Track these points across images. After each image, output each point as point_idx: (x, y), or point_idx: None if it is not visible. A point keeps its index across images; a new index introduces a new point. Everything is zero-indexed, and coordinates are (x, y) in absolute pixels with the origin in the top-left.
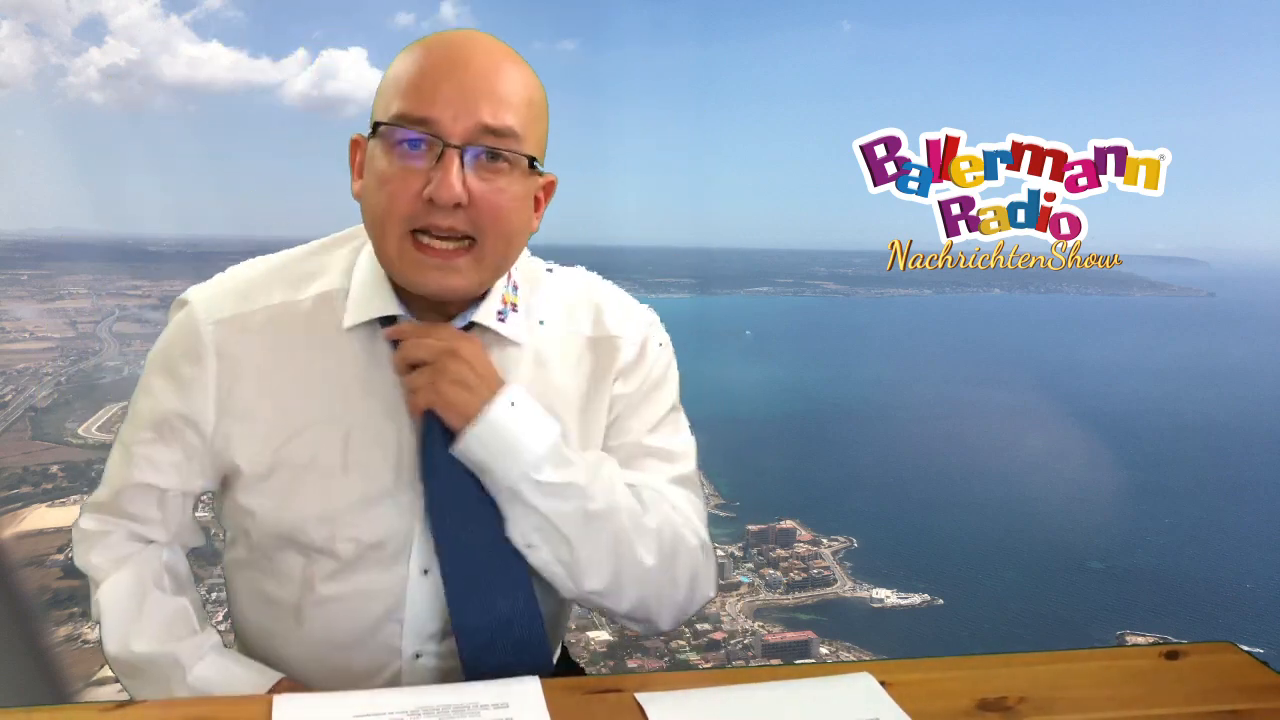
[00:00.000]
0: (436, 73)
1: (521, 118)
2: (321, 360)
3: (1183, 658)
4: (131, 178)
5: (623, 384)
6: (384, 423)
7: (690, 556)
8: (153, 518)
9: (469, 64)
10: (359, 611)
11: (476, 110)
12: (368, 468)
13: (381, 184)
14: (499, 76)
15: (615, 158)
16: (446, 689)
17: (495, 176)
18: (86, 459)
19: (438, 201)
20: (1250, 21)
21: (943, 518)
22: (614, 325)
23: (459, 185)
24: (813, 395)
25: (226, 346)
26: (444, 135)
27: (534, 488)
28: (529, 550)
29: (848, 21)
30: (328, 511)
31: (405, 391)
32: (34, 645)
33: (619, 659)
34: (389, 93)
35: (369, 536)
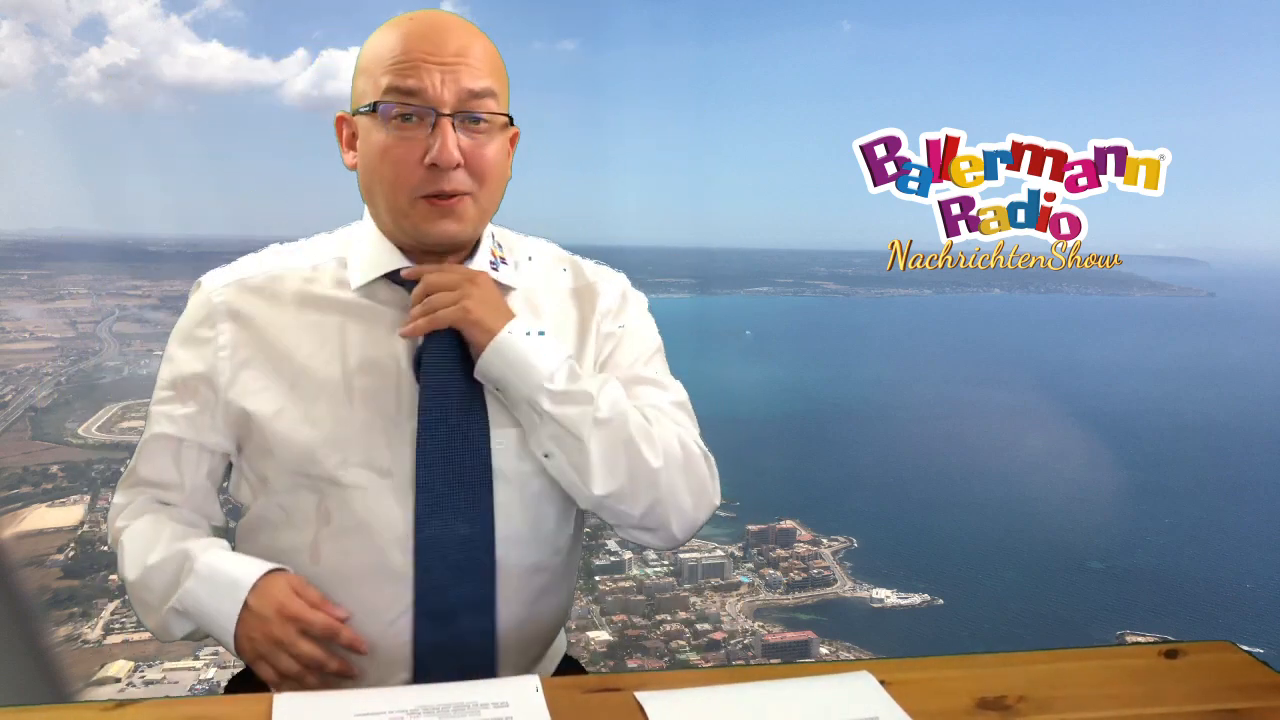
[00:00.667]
0: (419, 47)
1: (495, 79)
2: (322, 310)
3: (1182, 657)
4: (131, 178)
5: (610, 323)
6: (385, 363)
7: (696, 463)
8: (170, 479)
9: (445, 38)
10: (371, 541)
11: (460, 79)
12: (372, 397)
13: (383, 155)
14: (472, 46)
15: (615, 158)
16: (446, 688)
17: (480, 136)
18: (86, 459)
19: (441, 165)
20: (1250, 21)
21: (943, 518)
22: (591, 275)
23: (456, 150)
24: (813, 395)
25: (235, 306)
26: (436, 104)
27: (548, 396)
28: (547, 460)
29: (848, 21)
30: (337, 437)
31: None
32: (34, 645)
33: (619, 659)
34: (375, 71)
35: (379, 462)
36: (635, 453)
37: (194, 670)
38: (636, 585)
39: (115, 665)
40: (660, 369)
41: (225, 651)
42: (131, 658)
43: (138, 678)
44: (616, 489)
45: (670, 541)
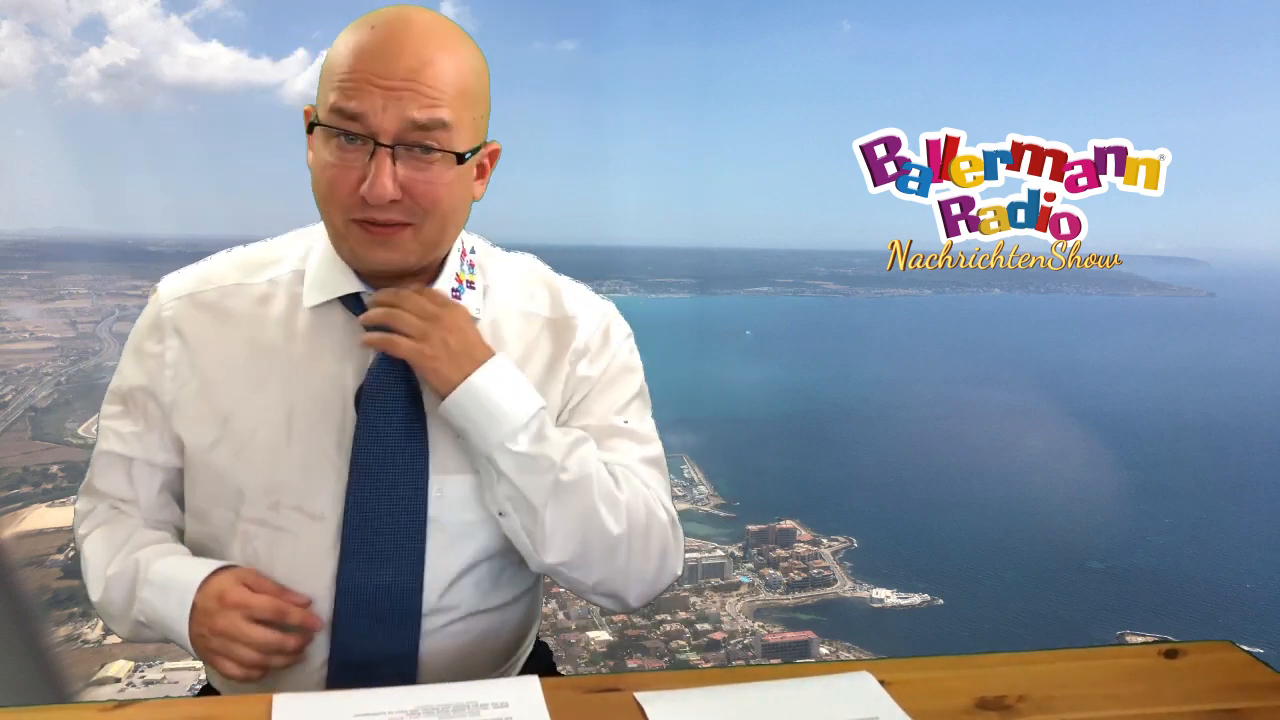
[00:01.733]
0: (368, 67)
1: (453, 108)
2: (271, 335)
3: (1182, 657)
4: (131, 178)
5: (586, 366)
6: (330, 396)
7: (660, 531)
8: (124, 492)
9: (399, 57)
10: (298, 586)
11: (404, 107)
12: (310, 439)
13: (323, 170)
14: (428, 69)
15: (615, 158)
16: (446, 688)
17: (428, 167)
18: (86, 459)
19: (370, 201)
20: (1250, 21)
21: (943, 518)
22: (571, 306)
23: (390, 184)
24: (813, 395)
25: (182, 323)
26: (375, 132)
27: (508, 457)
28: (501, 518)
29: (848, 21)
30: (271, 479)
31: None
32: (34, 645)
33: (619, 659)
34: (327, 80)
35: (312, 506)
36: (596, 521)
37: (194, 670)
38: None
39: (115, 665)
40: (637, 417)
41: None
42: (131, 658)
43: (138, 678)
44: (569, 559)
45: (625, 608)
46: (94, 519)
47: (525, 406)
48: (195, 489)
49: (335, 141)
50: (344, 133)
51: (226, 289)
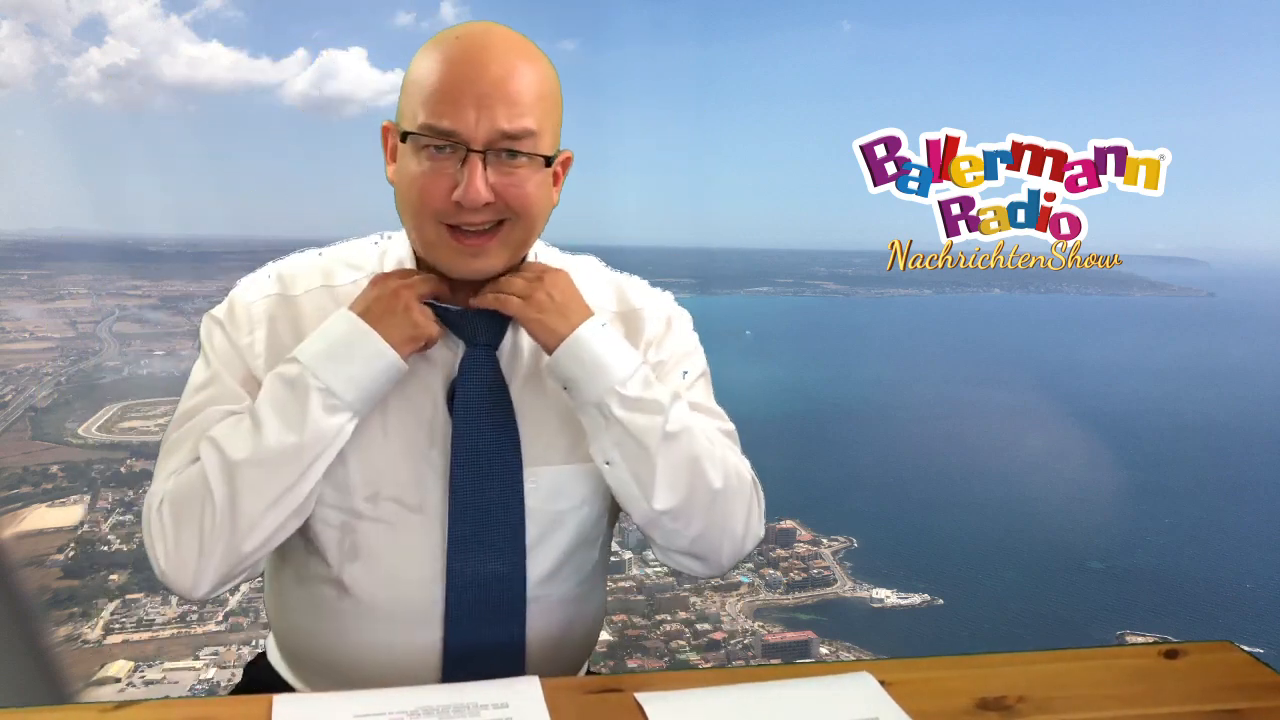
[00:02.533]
0: (456, 82)
1: (536, 116)
2: None
3: (1182, 657)
4: (131, 178)
5: (655, 352)
6: (419, 396)
7: (748, 491)
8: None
9: (485, 71)
10: (400, 577)
11: (494, 118)
12: (404, 430)
13: (413, 183)
14: (513, 80)
15: (615, 158)
16: (446, 689)
17: (515, 170)
18: (86, 459)
19: (466, 204)
20: (1250, 21)
21: (943, 518)
22: (637, 300)
23: (483, 188)
24: (813, 395)
25: (273, 317)
26: (467, 141)
27: (619, 401)
28: (607, 468)
29: (848, 21)
30: (369, 470)
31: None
32: (34, 645)
33: (619, 659)
34: (414, 97)
35: (409, 497)
36: (699, 471)
37: (194, 670)
38: (636, 585)
39: (115, 665)
40: (707, 395)
41: (225, 652)
42: (131, 658)
43: (138, 678)
44: (676, 505)
45: (717, 569)
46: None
47: (630, 357)
48: None
49: (426, 152)
50: (435, 146)
51: (314, 292)
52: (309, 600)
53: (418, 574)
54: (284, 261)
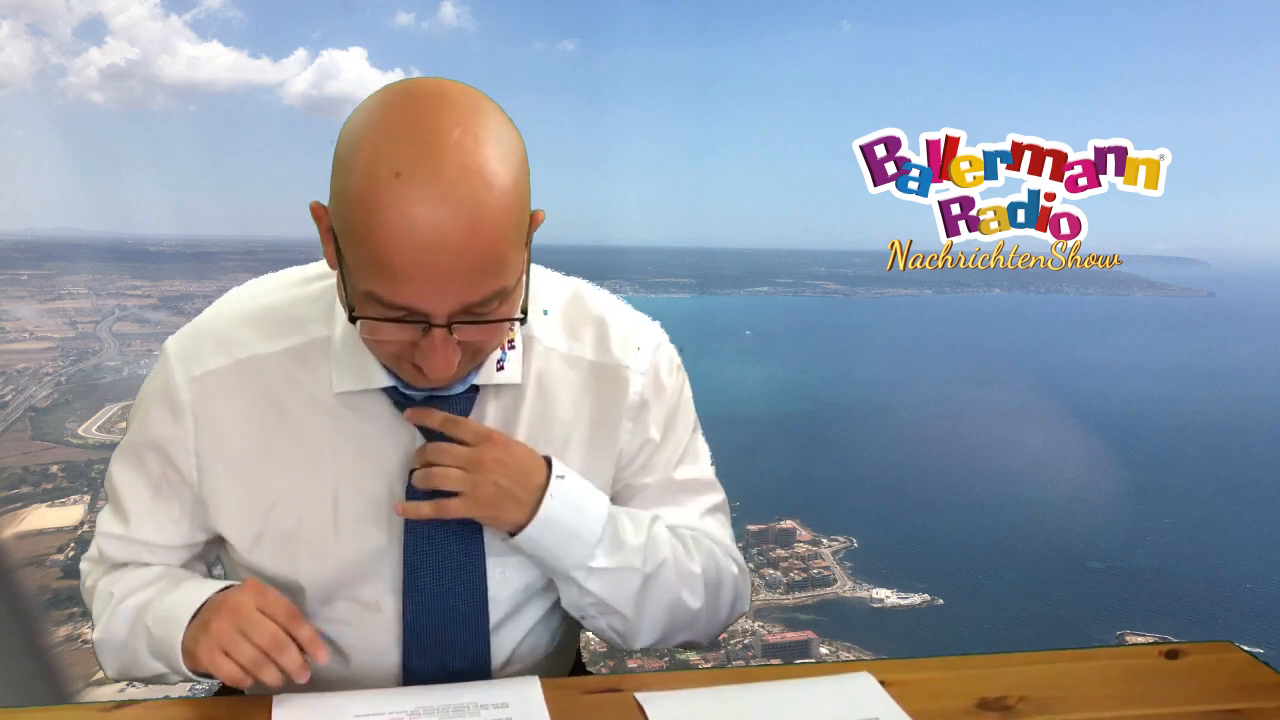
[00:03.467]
0: (409, 260)
1: (505, 267)
2: (305, 417)
3: (1183, 657)
4: (131, 178)
5: (645, 428)
6: (373, 480)
7: (730, 584)
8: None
9: (444, 233)
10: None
11: (460, 294)
12: (359, 529)
13: (365, 326)
14: (477, 244)
15: (615, 158)
16: (446, 689)
17: (486, 326)
18: (86, 459)
19: (432, 381)
20: (1250, 21)
21: (943, 518)
22: (620, 352)
23: (451, 360)
24: (813, 395)
25: (204, 407)
26: (426, 317)
27: (588, 574)
28: (584, 619)
29: (848, 21)
30: (322, 577)
31: (429, 491)
32: (34, 645)
33: (619, 659)
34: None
35: (366, 597)
36: (678, 604)
37: None
38: None
39: None
40: (694, 463)
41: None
42: None
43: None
44: (657, 639)
45: (699, 648)
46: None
47: (595, 520)
48: (237, 576)
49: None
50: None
51: (255, 361)
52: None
53: (377, 673)
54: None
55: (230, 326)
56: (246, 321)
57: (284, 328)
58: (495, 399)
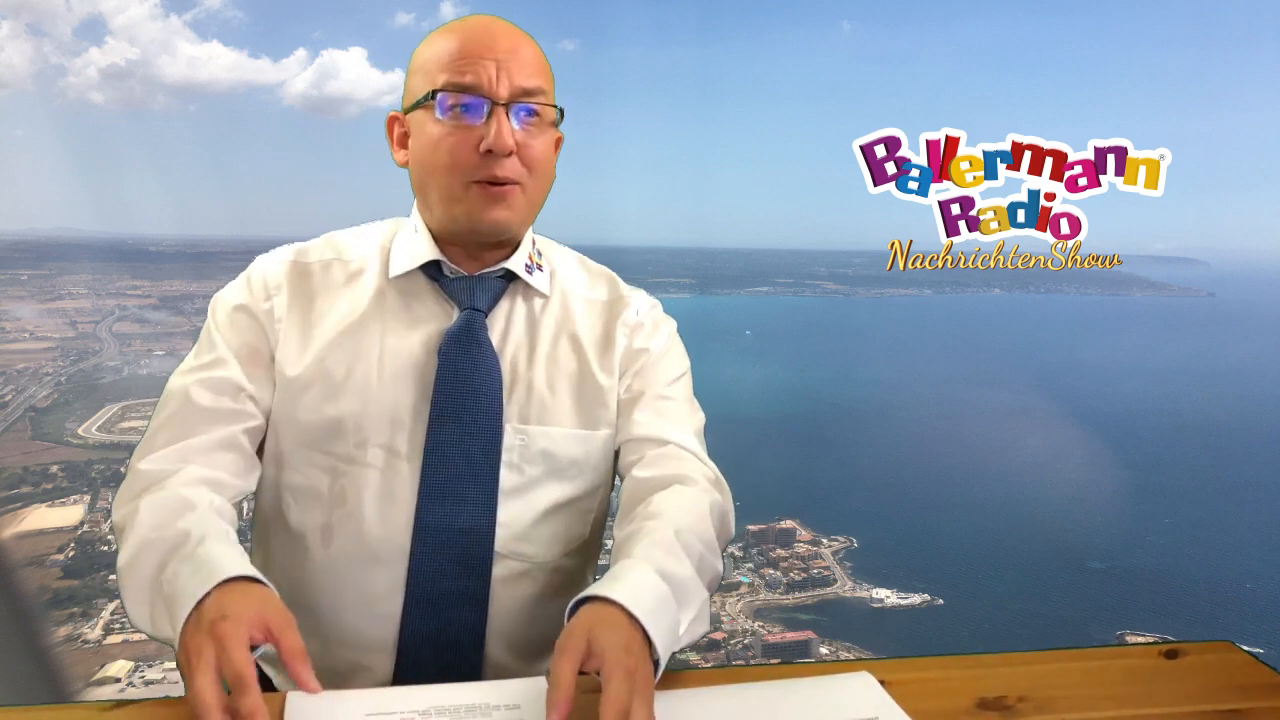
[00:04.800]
0: (474, 47)
1: (546, 78)
2: (363, 302)
3: (1183, 657)
4: (131, 178)
5: (643, 339)
6: (415, 346)
7: (722, 512)
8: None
9: (498, 39)
10: (380, 523)
11: (512, 75)
12: (399, 383)
13: (438, 144)
14: (524, 47)
15: (615, 158)
16: (458, 688)
17: (532, 129)
18: (86, 459)
19: (496, 150)
20: (1250, 21)
21: (943, 518)
22: (626, 292)
23: (510, 136)
24: (813, 395)
25: (286, 282)
26: (491, 95)
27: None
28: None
29: (848, 21)
30: (360, 419)
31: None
32: (34, 645)
33: None
34: (431, 69)
35: (397, 445)
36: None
37: None
38: None
39: (115, 665)
40: (685, 388)
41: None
42: (131, 658)
43: (137, 678)
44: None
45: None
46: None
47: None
48: (283, 430)
49: (450, 114)
50: (461, 103)
51: (326, 262)
52: (292, 556)
53: (396, 521)
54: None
55: (304, 246)
56: (320, 242)
57: (353, 245)
58: (524, 299)
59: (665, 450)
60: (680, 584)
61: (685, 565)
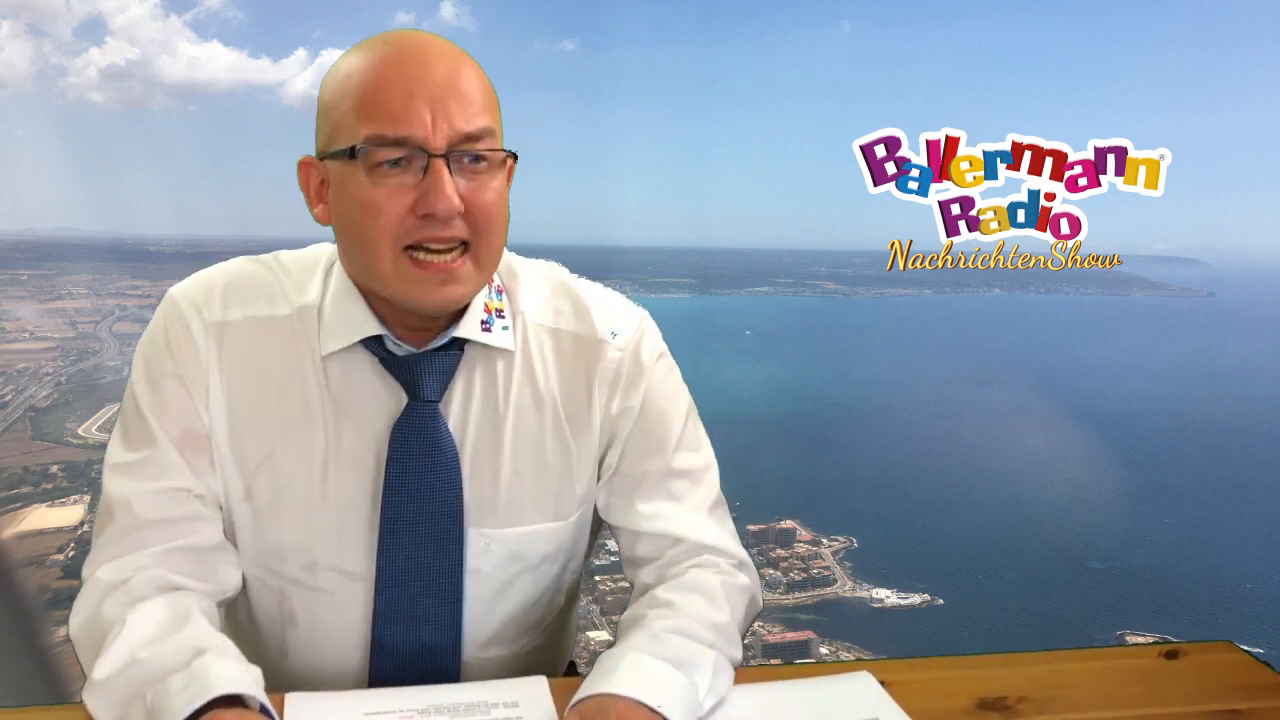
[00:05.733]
0: (401, 83)
1: (493, 114)
2: (298, 380)
3: (1183, 657)
4: (131, 178)
5: (623, 398)
6: (361, 446)
7: (749, 596)
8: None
9: (430, 68)
10: (339, 644)
11: (451, 118)
12: (344, 494)
13: (364, 208)
14: (462, 78)
15: (615, 158)
16: (456, 688)
17: (479, 177)
18: (86, 459)
19: (438, 215)
20: (1250, 21)
21: (943, 518)
22: (602, 326)
23: (455, 196)
24: (813, 395)
25: (214, 352)
26: (425, 146)
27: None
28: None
29: (848, 21)
30: (306, 542)
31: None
32: (34, 645)
33: None
34: (347, 114)
35: (348, 566)
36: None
37: None
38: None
39: None
40: (692, 452)
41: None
42: None
43: None
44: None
45: None
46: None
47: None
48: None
49: (377, 171)
50: (389, 159)
51: (256, 321)
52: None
53: (348, 644)
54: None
55: (233, 284)
56: (249, 284)
57: (282, 295)
58: (483, 362)
59: (679, 550)
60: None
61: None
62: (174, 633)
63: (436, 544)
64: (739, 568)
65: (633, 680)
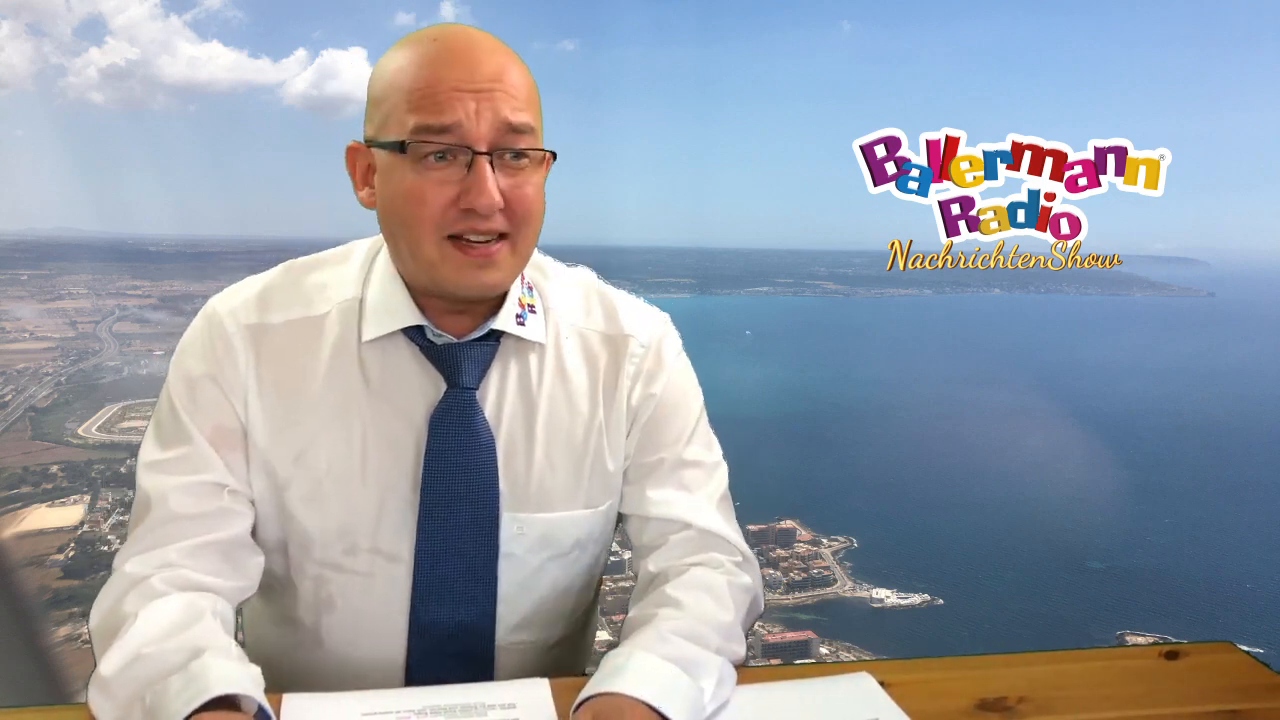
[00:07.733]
0: (450, 78)
1: (535, 111)
2: (339, 371)
3: (1182, 658)
4: (131, 178)
5: (645, 385)
6: (400, 430)
7: (752, 595)
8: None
9: (480, 65)
10: (376, 627)
11: (499, 109)
12: (384, 479)
13: (410, 197)
14: (509, 74)
15: (615, 158)
16: (454, 689)
17: (520, 173)
18: (86, 459)
19: (479, 211)
20: (1250, 21)
21: (943, 518)
22: (628, 324)
23: (497, 192)
24: (813, 395)
25: (253, 353)
26: (471, 142)
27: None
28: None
29: (848, 21)
30: (346, 525)
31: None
32: (34, 645)
33: None
34: (399, 104)
35: (388, 547)
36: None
37: None
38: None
39: None
40: (703, 446)
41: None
42: None
43: None
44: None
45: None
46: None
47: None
48: (262, 527)
49: (424, 162)
50: (433, 153)
51: (293, 324)
52: (284, 642)
53: (386, 625)
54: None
55: (269, 291)
56: (285, 289)
57: (319, 294)
58: (517, 356)
59: (687, 535)
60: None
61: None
62: (181, 631)
63: (473, 526)
64: (743, 563)
65: (639, 681)
